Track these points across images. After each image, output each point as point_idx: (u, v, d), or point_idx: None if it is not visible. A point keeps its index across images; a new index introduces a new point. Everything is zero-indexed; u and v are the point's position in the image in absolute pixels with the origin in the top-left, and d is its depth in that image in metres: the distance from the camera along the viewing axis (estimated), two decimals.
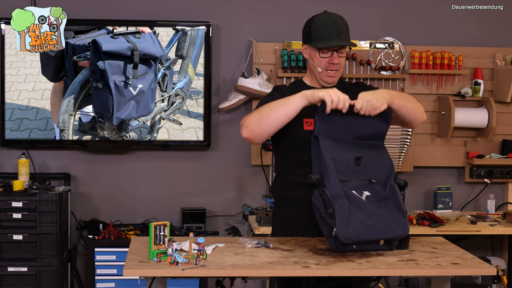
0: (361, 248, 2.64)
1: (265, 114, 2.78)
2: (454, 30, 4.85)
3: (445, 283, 2.69)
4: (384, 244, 2.67)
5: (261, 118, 2.78)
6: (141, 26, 4.49)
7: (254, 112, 2.84)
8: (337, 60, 2.91)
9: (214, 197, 4.77)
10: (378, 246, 2.67)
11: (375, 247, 2.66)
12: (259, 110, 2.82)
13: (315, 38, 2.91)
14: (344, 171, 2.68)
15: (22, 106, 4.52)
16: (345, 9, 4.68)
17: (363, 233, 2.60)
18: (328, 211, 2.60)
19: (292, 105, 2.75)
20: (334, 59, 2.90)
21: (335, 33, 2.87)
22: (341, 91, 2.97)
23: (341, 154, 2.71)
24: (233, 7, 4.72)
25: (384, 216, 2.66)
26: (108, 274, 4.36)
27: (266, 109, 2.79)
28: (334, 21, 2.89)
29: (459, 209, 4.86)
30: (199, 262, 2.47)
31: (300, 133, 2.90)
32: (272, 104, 2.78)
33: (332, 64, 2.91)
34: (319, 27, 2.90)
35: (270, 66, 4.67)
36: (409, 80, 4.75)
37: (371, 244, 2.65)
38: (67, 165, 4.66)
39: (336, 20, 2.90)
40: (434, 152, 4.81)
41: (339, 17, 2.92)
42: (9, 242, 4.20)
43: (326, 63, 2.92)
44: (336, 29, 2.88)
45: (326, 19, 2.91)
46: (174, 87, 4.57)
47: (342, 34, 2.89)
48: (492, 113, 4.64)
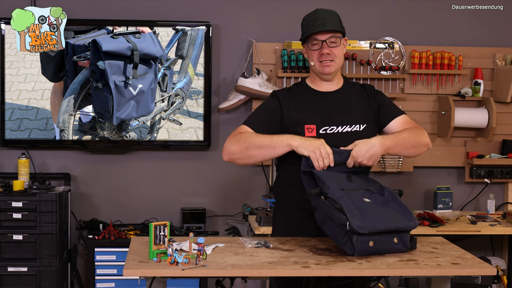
0: (378, 248, 2.60)
1: (249, 150, 2.82)
2: (454, 30, 4.85)
3: (445, 283, 2.69)
4: (398, 242, 2.65)
5: (245, 151, 2.83)
6: (141, 26, 4.49)
7: (238, 139, 2.83)
8: (326, 50, 2.91)
9: (214, 197, 4.77)
10: (393, 245, 2.64)
11: (391, 246, 2.64)
12: (244, 139, 2.82)
13: (303, 33, 2.96)
14: (339, 184, 2.72)
15: (22, 106, 4.53)
16: (345, 9, 4.69)
17: (375, 221, 2.59)
18: (337, 207, 2.60)
19: (276, 151, 2.82)
20: (323, 49, 2.91)
21: (321, 24, 2.90)
22: (346, 93, 3.00)
23: (333, 173, 2.76)
24: (233, 7, 4.72)
25: (392, 211, 2.69)
26: (108, 274, 4.36)
27: (251, 145, 2.81)
28: (320, 14, 2.93)
29: (459, 209, 4.86)
30: (199, 262, 2.47)
31: None
32: (258, 140, 2.81)
33: (323, 55, 2.92)
34: (306, 22, 2.96)
35: (270, 66, 4.67)
36: (409, 80, 4.75)
37: (386, 242, 2.62)
38: (67, 165, 4.66)
39: (321, 13, 2.93)
40: (434, 152, 4.81)
41: (326, 10, 2.96)
42: (9, 242, 4.20)
43: (318, 55, 2.93)
44: (321, 19, 2.91)
45: (312, 14, 2.95)
46: (174, 87, 4.57)
47: (327, 24, 2.91)
48: (492, 113, 4.64)
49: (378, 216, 2.63)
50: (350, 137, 2.91)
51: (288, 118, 2.93)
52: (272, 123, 2.93)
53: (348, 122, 2.94)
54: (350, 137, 2.91)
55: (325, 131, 2.91)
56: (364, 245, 2.58)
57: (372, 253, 2.61)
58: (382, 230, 2.59)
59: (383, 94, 3.07)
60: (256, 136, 2.84)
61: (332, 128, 2.92)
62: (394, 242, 2.65)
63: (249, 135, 2.85)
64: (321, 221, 2.69)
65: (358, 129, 2.94)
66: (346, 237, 2.58)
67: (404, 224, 2.66)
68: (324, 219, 2.68)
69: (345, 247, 2.60)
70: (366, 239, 2.57)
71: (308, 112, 2.93)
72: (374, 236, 2.59)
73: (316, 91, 3.00)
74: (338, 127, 2.92)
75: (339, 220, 2.58)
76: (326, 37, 2.91)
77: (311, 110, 2.94)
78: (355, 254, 2.58)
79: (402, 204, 2.75)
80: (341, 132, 2.92)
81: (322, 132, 2.90)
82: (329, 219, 2.64)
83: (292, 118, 2.92)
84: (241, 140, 2.84)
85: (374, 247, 2.60)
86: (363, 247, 2.58)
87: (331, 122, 2.92)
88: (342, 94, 2.99)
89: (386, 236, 2.62)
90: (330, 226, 2.64)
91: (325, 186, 2.68)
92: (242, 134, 2.86)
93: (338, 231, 2.61)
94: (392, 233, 2.63)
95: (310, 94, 2.99)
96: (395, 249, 2.66)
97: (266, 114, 2.96)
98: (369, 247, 2.59)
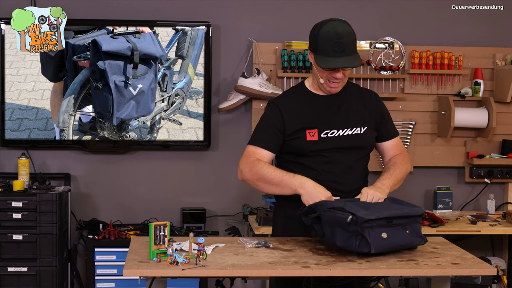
0: (392, 241, 2.60)
1: (259, 181, 2.89)
2: (454, 30, 4.85)
3: (445, 283, 2.69)
4: (411, 233, 2.66)
5: (256, 182, 2.90)
6: (141, 26, 4.49)
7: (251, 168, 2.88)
8: (340, 75, 2.86)
9: (214, 197, 4.77)
10: (408, 237, 2.65)
11: (405, 238, 2.65)
12: (256, 170, 2.86)
13: (319, 52, 2.84)
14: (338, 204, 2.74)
15: (22, 106, 4.52)
16: (345, 9, 4.69)
17: (380, 210, 2.63)
18: (338, 208, 2.62)
19: (284, 191, 2.86)
20: (337, 74, 2.86)
21: (340, 50, 2.80)
22: (347, 96, 3.00)
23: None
24: (233, 7, 4.72)
25: (395, 204, 2.75)
26: (108, 274, 4.36)
27: (262, 178, 2.86)
28: (340, 36, 2.79)
29: (459, 209, 4.86)
30: (199, 262, 2.47)
31: (303, 144, 2.91)
32: (269, 176, 2.85)
33: (335, 78, 2.88)
34: (324, 42, 2.81)
35: (270, 66, 4.67)
36: (409, 80, 4.75)
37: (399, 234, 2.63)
38: (67, 165, 4.66)
39: (342, 36, 2.79)
40: (434, 152, 4.81)
41: (346, 30, 2.82)
42: (9, 242, 4.20)
43: (328, 75, 2.88)
44: (342, 45, 2.79)
45: (332, 34, 2.80)
46: (174, 87, 4.57)
47: (347, 50, 2.81)
48: (492, 113, 4.64)
49: (382, 208, 2.68)
50: (351, 140, 2.92)
51: (289, 124, 2.92)
52: (278, 134, 2.93)
53: (349, 125, 2.94)
54: (352, 140, 2.92)
55: (326, 135, 2.91)
56: (378, 238, 2.57)
57: (389, 247, 2.62)
58: (388, 216, 2.61)
59: (386, 108, 3.09)
60: (268, 170, 2.86)
61: (333, 131, 2.92)
62: (407, 233, 2.66)
63: (262, 167, 2.87)
64: (330, 235, 2.66)
65: (359, 132, 2.95)
66: (358, 237, 2.58)
67: (411, 210, 2.70)
68: (332, 232, 2.65)
69: (360, 248, 2.58)
70: (377, 231, 2.58)
71: (309, 117, 2.93)
72: (385, 228, 2.60)
73: (316, 95, 2.99)
74: (339, 130, 2.93)
75: (344, 219, 2.58)
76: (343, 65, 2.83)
77: (312, 115, 2.94)
78: (372, 250, 2.56)
79: (404, 201, 2.81)
80: (342, 135, 2.92)
81: (324, 136, 2.91)
82: (336, 227, 2.63)
83: (294, 124, 2.92)
84: (254, 170, 2.88)
85: (388, 240, 2.59)
86: (377, 240, 2.57)
87: (332, 126, 2.92)
88: (342, 97, 2.99)
89: (397, 227, 2.63)
90: (340, 235, 2.62)
91: (324, 206, 2.70)
92: (255, 163, 2.88)
93: (348, 235, 2.60)
94: (403, 225, 2.65)
95: (310, 98, 2.98)
96: (411, 241, 2.67)
97: (271, 127, 2.94)
98: (383, 239, 2.58)
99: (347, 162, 2.93)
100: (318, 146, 2.90)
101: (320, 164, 2.91)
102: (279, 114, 2.94)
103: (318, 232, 2.72)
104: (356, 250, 2.59)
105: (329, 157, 2.91)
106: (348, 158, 2.94)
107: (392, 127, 3.11)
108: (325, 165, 2.91)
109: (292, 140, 2.92)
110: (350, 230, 2.58)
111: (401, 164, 3.02)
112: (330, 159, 2.91)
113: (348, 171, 2.93)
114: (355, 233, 2.58)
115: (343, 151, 2.92)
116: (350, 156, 2.94)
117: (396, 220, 2.64)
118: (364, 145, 2.98)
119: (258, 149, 2.93)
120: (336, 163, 2.92)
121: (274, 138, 2.93)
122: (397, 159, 3.05)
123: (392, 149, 3.08)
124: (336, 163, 2.92)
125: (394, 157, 3.06)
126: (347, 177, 2.93)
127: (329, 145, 2.90)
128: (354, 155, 2.95)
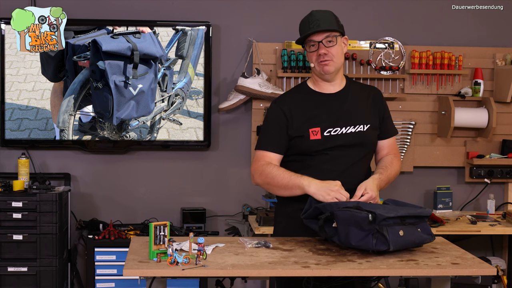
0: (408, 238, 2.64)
1: (269, 185, 2.94)
2: (454, 30, 4.85)
3: (445, 283, 2.69)
4: (423, 231, 2.70)
5: (266, 186, 2.96)
6: (141, 26, 4.49)
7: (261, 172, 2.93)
8: (323, 50, 2.91)
9: (214, 197, 4.77)
10: (420, 234, 2.69)
11: (418, 235, 2.68)
12: (266, 174, 2.91)
13: (301, 35, 2.96)
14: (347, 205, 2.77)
15: (22, 106, 4.52)
16: (345, 9, 4.69)
17: (395, 209, 2.67)
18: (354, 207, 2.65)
19: (292, 192, 2.88)
20: (320, 50, 2.92)
21: (316, 25, 2.90)
22: (349, 93, 3.02)
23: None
24: (233, 7, 4.72)
25: (404, 205, 2.79)
26: (108, 274, 4.36)
27: (271, 181, 2.91)
28: (314, 15, 2.94)
29: (459, 209, 4.86)
30: (199, 262, 2.47)
31: (306, 143, 2.92)
32: (277, 179, 2.89)
33: (321, 55, 2.92)
34: (302, 24, 2.97)
35: (270, 66, 4.67)
36: (409, 80, 4.75)
37: (413, 232, 2.66)
38: (67, 165, 4.66)
39: (316, 14, 2.94)
40: (434, 152, 4.81)
41: (321, 11, 2.96)
42: (9, 242, 4.20)
43: (316, 56, 2.93)
44: (316, 20, 2.91)
45: (308, 16, 2.96)
46: (174, 87, 4.57)
47: (322, 24, 2.91)
48: (492, 113, 4.64)
49: (395, 207, 2.71)
50: (354, 138, 2.93)
51: (293, 123, 2.94)
52: (284, 134, 2.96)
53: (352, 123, 2.95)
54: (355, 138, 2.93)
55: (329, 133, 2.92)
56: (396, 235, 2.60)
57: (404, 245, 2.64)
58: (404, 215, 2.64)
59: (387, 106, 3.12)
60: (277, 173, 2.89)
61: (336, 129, 2.92)
62: (418, 231, 2.70)
63: (271, 171, 2.90)
64: (344, 234, 2.66)
65: (362, 129, 2.95)
66: (375, 235, 2.58)
67: (421, 210, 2.74)
68: (346, 233, 2.64)
69: (378, 246, 2.59)
70: (396, 229, 2.61)
71: (312, 115, 2.94)
72: (402, 226, 2.63)
73: (318, 93, 3.00)
74: (342, 128, 2.93)
75: (361, 217, 2.59)
76: (322, 38, 2.91)
77: (314, 113, 2.94)
78: (390, 247, 2.58)
79: (404, 202, 2.85)
80: (345, 133, 2.93)
81: (327, 134, 2.91)
82: (350, 226, 2.63)
83: (297, 122, 2.93)
84: (263, 174, 2.92)
85: (405, 238, 2.63)
86: (395, 238, 2.59)
87: (335, 124, 2.93)
88: (345, 95, 2.99)
89: (409, 226, 2.66)
90: (355, 234, 2.62)
91: (335, 206, 2.71)
92: (264, 167, 2.92)
93: (363, 234, 2.60)
94: (414, 224, 2.68)
95: (312, 97, 2.99)
96: (423, 239, 2.71)
97: (276, 128, 2.97)
98: (400, 237, 2.61)
99: (350, 160, 2.94)
100: (322, 144, 2.91)
101: (323, 162, 2.92)
102: (282, 114, 2.95)
103: (329, 232, 2.72)
104: (373, 248, 2.60)
105: (332, 155, 2.92)
106: (351, 156, 2.94)
107: (391, 126, 3.12)
108: (328, 163, 2.92)
109: (296, 139, 2.92)
110: (366, 229, 2.59)
111: (396, 166, 3.06)
112: (333, 156, 2.92)
113: (350, 169, 2.94)
114: (371, 231, 2.59)
115: (346, 149, 2.93)
116: (353, 154, 2.95)
117: (409, 219, 2.68)
118: (367, 142, 2.99)
119: (266, 153, 2.96)
120: (339, 161, 2.93)
121: (280, 139, 2.95)
122: (393, 160, 3.06)
123: (387, 148, 3.10)
124: (339, 161, 2.92)
125: (388, 157, 3.07)
126: (350, 175, 2.93)
127: (332, 143, 2.91)
128: (357, 152, 2.96)
